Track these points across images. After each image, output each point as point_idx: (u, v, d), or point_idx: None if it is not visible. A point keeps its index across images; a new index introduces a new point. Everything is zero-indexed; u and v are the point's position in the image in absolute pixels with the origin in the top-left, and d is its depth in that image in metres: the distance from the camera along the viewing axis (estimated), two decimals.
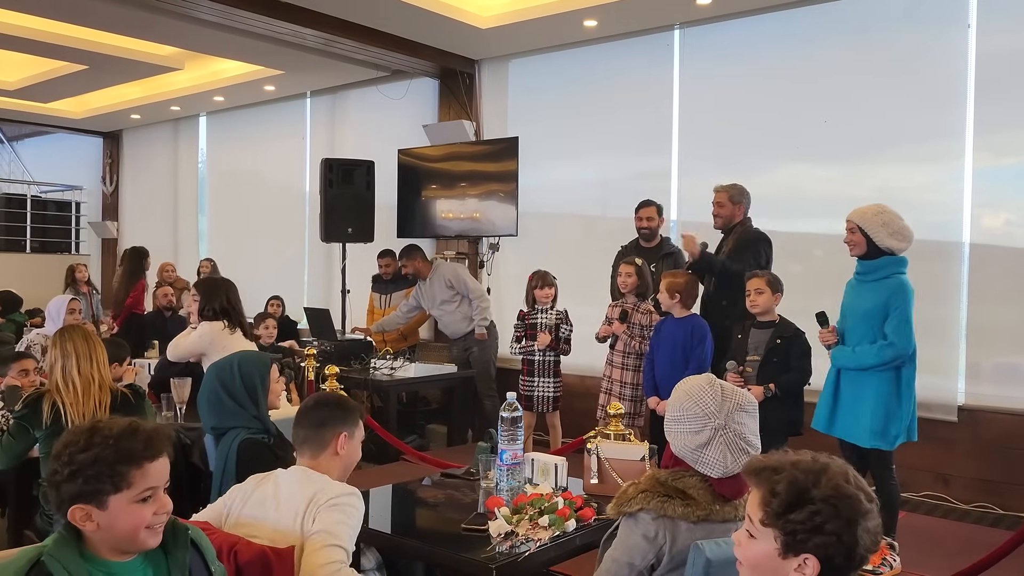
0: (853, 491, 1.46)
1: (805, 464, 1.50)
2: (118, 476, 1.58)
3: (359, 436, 2.37)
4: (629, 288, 5.00)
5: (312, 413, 2.32)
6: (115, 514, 1.58)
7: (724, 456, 1.93)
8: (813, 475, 1.47)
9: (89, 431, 1.62)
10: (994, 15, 5.11)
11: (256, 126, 9.62)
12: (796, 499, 1.45)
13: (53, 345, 3.26)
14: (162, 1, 5.82)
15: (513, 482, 2.80)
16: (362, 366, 6.15)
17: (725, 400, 1.97)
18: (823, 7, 5.67)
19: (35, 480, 3.29)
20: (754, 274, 4.21)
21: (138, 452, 1.60)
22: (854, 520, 1.44)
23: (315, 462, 2.26)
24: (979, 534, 4.55)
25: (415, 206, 7.50)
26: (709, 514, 1.93)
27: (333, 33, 6.44)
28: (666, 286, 4.54)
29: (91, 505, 1.57)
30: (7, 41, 7.25)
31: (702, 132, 6.30)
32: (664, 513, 1.93)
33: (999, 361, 5.18)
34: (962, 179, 5.24)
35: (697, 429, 1.96)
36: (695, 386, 2.01)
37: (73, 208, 12.08)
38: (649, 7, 5.94)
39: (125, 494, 1.58)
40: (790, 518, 1.45)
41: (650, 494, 1.96)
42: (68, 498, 1.58)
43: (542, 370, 5.35)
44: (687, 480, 1.98)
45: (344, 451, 2.30)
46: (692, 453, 1.96)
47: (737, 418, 1.96)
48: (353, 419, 2.35)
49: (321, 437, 2.28)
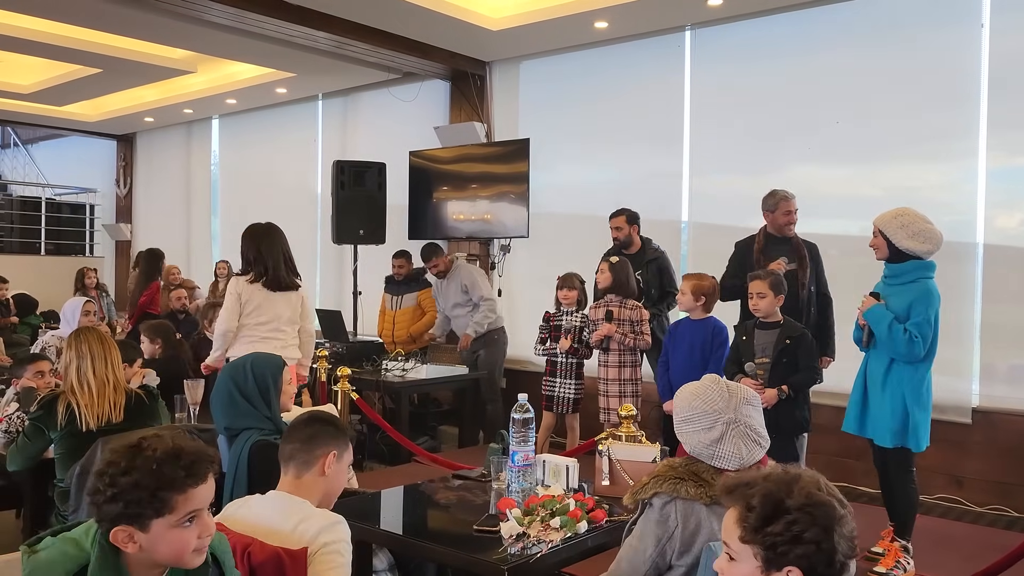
0: (826, 498, 1.46)
1: (776, 476, 1.50)
2: (159, 502, 1.55)
3: (347, 460, 2.29)
4: (603, 285, 5.03)
5: (303, 428, 2.25)
6: (157, 537, 1.56)
7: (739, 448, 1.99)
8: (785, 485, 1.46)
9: (132, 452, 1.57)
10: (1008, 14, 5.08)
11: (268, 128, 9.67)
12: (772, 511, 1.44)
13: (68, 346, 3.28)
14: (175, 5, 5.85)
15: (525, 483, 2.80)
16: (374, 367, 6.16)
17: (732, 395, 2.03)
18: (835, 7, 5.65)
19: (50, 481, 3.31)
20: (756, 275, 4.16)
21: (180, 479, 1.56)
22: (830, 527, 1.43)
23: (298, 482, 2.18)
24: (993, 537, 4.51)
25: (426, 208, 7.52)
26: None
27: (345, 36, 6.46)
28: (691, 288, 4.52)
29: (133, 527, 1.55)
30: (22, 45, 7.32)
31: (713, 133, 6.29)
32: (677, 494, 1.97)
33: (1014, 362, 5.14)
34: (976, 179, 5.21)
35: (708, 426, 2.01)
36: (700, 386, 2.07)
37: (87, 211, 12.17)
38: (660, 8, 5.93)
39: (167, 518, 1.55)
40: (768, 531, 1.43)
41: (662, 478, 2.01)
42: (110, 518, 1.55)
43: (564, 372, 5.33)
44: (700, 466, 2.02)
45: (330, 472, 2.21)
46: (707, 450, 2.01)
47: (745, 411, 2.02)
48: (344, 440, 2.27)
49: (310, 453, 2.20)
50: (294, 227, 9.14)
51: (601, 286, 5.11)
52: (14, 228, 11.56)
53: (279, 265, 4.51)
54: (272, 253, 4.49)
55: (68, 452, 3.15)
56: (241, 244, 4.61)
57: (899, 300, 3.84)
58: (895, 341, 3.78)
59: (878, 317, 3.84)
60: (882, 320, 3.82)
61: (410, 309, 7.00)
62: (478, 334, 6.45)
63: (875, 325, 3.86)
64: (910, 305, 3.80)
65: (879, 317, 3.84)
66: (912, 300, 3.80)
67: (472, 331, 6.45)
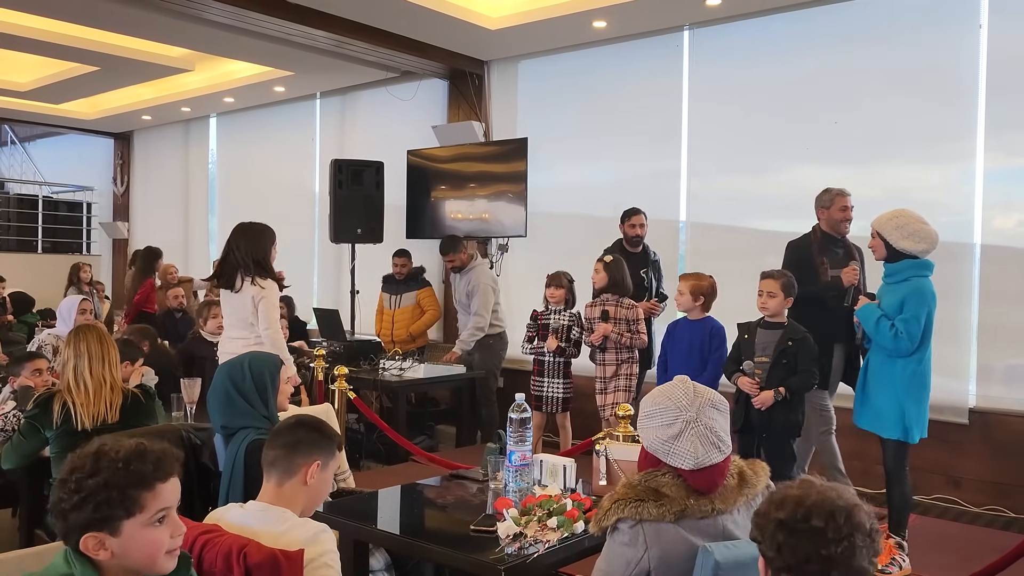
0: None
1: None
2: (130, 500, 1.51)
3: (332, 468, 2.21)
4: (600, 284, 5.03)
5: (287, 433, 2.17)
6: (129, 540, 1.52)
7: (695, 447, 1.94)
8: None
9: (95, 455, 1.54)
10: (1006, 15, 5.08)
11: (266, 127, 9.65)
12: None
13: (67, 344, 3.28)
14: (173, 3, 5.84)
15: (522, 483, 2.80)
16: (371, 367, 6.16)
17: (697, 396, 2.00)
18: (833, 8, 5.65)
19: (46, 480, 3.31)
20: (768, 274, 4.13)
21: (149, 474, 1.54)
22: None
23: (279, 490, 2.12)
24: (990, 537, 4.52)
25: (424, 207, 7.51)
26: (685, 509, 1.93)
27: (343, 34, 6.45)
28: (691, 288, 4.50)
29: (104, 532, 1.51)
30: (19, 43, 7.30)
31: (712, 133, 6.29)
32: (640, 517, 1.93)
33: (1011, 363, 5.15)
34: (973, 180, 5.21)
35: (669, 422, 1.97)
36: (669, 385, 2.05)
37: (84, 209, 12.15)
38: (658, 8, 5.93)
39: (139, 518, 1.52)
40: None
41: (623, 502, 1.96)
42: (78, 527, 1.50)
43: (552, 371, 5.35)
44: (659, 479, 1.98)
45: (313, 481, 2.14)
46: (663, 445, 1.97)
47: (708, 413, 1.98)
48: (330, 448, 2.19)
49: (292, 461, 2.12)
50: (292, 226, 9.21)
51: (597, 286, 5.11)
52: (11, 226, 11.54)
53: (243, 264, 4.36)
54: (234, 254, 4.36)
55: (63, 451, 3.14)
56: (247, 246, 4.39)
57: (892, 298, 3.98)
58: (881, 336, 3.94)
59: (867, 314, 4.03)
60: (870, 316, 4.01)
61: (409, 308, 6.99)
62: (463, 351, 6.42)
63: (864, 322, 4.06)
64: (903, 302, 3.92)
65: (868, 314, 4.02)
66: (904, 297, 3.93)
67: (458, 348, 6.44)
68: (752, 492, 2.03)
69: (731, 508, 1.98)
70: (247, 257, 4.31)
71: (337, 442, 2.26)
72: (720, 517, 1.97)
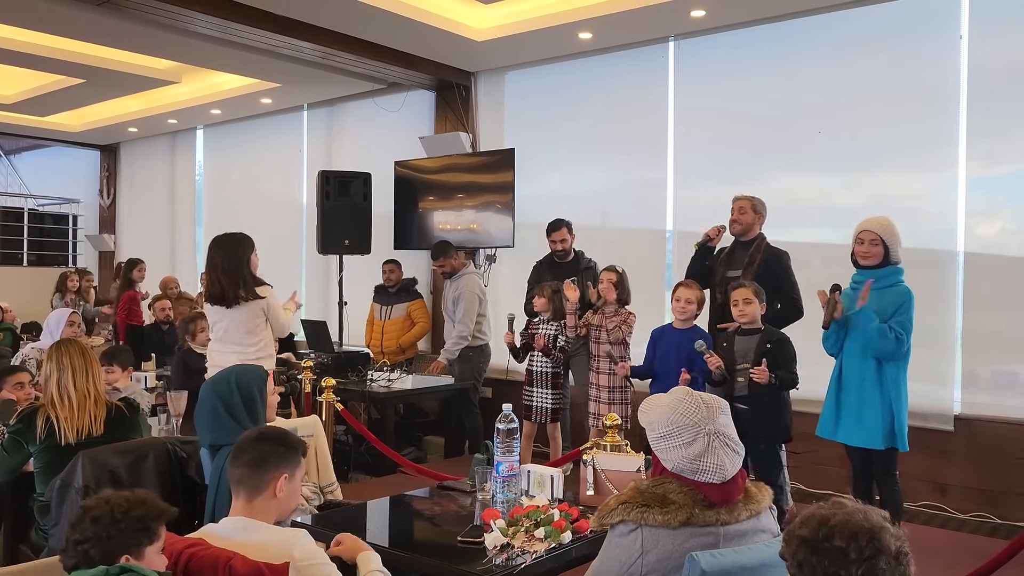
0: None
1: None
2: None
3: (300, 476, 2.23)
4: (611, 297, 5.03)
5: (250, 449, 2.17)
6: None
7: (721, 460, 1.95)
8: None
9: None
10: (986, 26, 5.14)
11: (253, 139, 9.64)
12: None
13: (49, 358, 3.26)
14: (159, 15, 5.83)
15: (509, 494, 2.79)
16: (359, 378, 6.14)
17: (708, 407, 2.00)
18: (817, 19, 5.70)
19: (31, 494, 3.28)
20: (740, 284, 4.32)
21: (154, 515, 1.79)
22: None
23: (251, 506, 2.13)
24: (976, 544, 4.55)
25: (412, 218, 7.51)
26: (690, 517, 1.93)
27: (330, 46, 6.46)
28: (697, 297, 4.63)
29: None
30: (5, 55, 7.27)
31: (697, 143, 6.32)
32: (644, 523, 1.94)
33: (995, 370, 5.19)
34: (956, 188, 5.26)
35: (690, 440, 1.96)
36: (675, 400, 2.02)
37: (70, 221, 12.08)
38: (644, 19, 5.97)
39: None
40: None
41: (629, 505, 1.97)
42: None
43: (540, 381, 5.36)
44: (667, 485, 1.98)
45: (283, 494, 2.16)
46: (691, 464, 1.96)
47: (722, 420, 2.00)
48: (295, 458, 2.21)
49: (259, 478, 2.13)
50: (279, 238, 9.22)
51: (609, 298, 5.07)
52: None
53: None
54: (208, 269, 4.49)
55: (47, 466, 3.12)
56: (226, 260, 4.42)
57: (880, 303, 4.00)
58: (884, 340, 3.92)
59: (866, 318, 3.98)
60: (870, 321, 3.96)
61: (399, 320, 6.99)
62: (448, 360, 6.41)
63: (864, 326, 4.00)
64: (898, 307, 3.98)
65: (866, 318, 3.98)
66: (898, 302, 3.98)
67: (443, 357, 6.43)
68: (757, 508, 2.03)
69: (734, 520, 1.98)
70: (234, 272, 4.35)
71: (302, 450, 2.25)
72: (723, 528, 1.97)
